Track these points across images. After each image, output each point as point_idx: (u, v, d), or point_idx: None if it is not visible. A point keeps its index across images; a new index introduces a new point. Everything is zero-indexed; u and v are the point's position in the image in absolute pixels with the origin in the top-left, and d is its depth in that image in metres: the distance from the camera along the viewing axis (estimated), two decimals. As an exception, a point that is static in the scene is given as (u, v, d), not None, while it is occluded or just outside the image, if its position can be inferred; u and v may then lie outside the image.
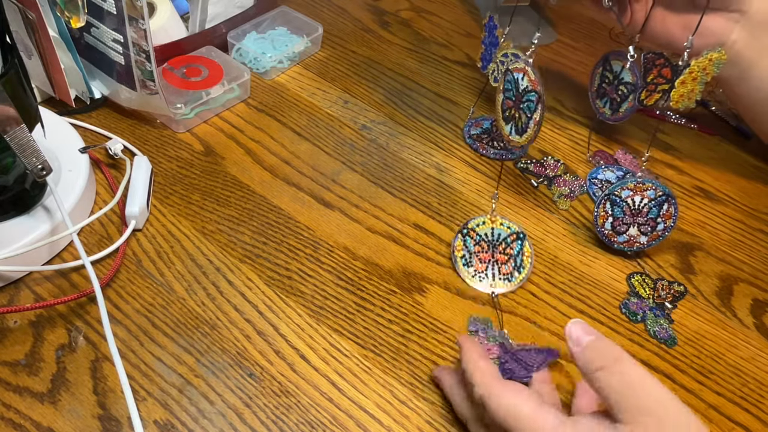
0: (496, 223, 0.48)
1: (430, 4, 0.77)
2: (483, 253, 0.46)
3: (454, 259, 0.47)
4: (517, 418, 0.31)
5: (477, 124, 0.59)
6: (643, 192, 0.47)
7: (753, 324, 0.46)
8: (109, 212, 0.47)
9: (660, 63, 0.51)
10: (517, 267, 0.46)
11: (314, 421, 0.37)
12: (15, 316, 0.40)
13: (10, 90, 0.37)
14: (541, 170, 0.55)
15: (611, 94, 0.56)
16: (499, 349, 0.40)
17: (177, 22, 0.62)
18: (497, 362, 0.39)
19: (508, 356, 0.39)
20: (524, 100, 0.45)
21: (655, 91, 0.52)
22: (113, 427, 0.36)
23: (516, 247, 0.47)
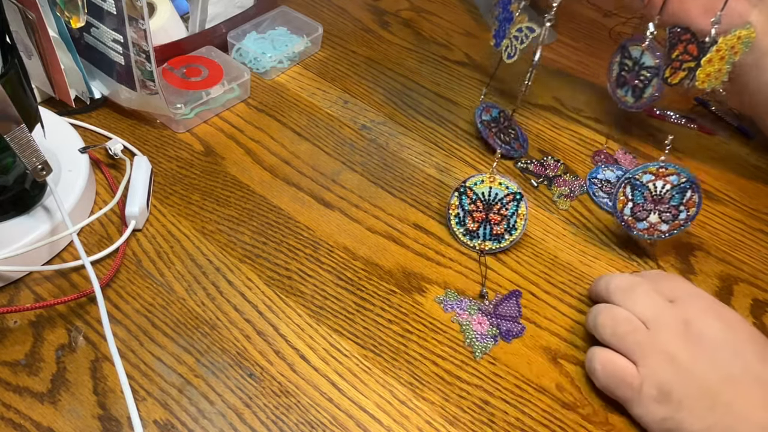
0: (495, 183, 0.46)
1: (430, 4, 0.77)
2: (477, 213, 0.46)
3: (448, 217, 0.46)
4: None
5: (487, 110, 0.58)
6: (665, 177, 0.46)
7: (753, 324, 0.46)
8: (109, 212, 0.47)
9: (686, 39, 0.49)
10: (509, 228, 0.45)
11: (314, 421, 0.37)
12: (15, 316, 0.40)
13: (10, 90, 0.37)
14: (541, 170, 0.55)
15: (632, 82, 0.53)
16: (483, 315, 0.41)
17: (177, 22, 0.62)
18: (495, 330, 0.42)
19: (495, 318, 0.41)
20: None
21: (680, 68, 0.50)
22: (113, 427, 0.36)
23: (511, 207, 0.46)
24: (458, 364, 0.41)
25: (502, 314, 0.43)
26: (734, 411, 0.34)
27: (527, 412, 0.39)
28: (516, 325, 0.43)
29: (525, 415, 0.39)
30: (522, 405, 0.39)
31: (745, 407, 0.35)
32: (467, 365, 0.41)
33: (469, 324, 0.43)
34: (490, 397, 0.40)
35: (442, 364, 0.41)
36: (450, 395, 0.39)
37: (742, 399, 0.35)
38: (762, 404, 0.34)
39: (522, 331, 0.43)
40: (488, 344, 0.42)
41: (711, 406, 0.35)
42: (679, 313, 0.38)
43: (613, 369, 0.38)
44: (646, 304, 0.39)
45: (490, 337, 0.42)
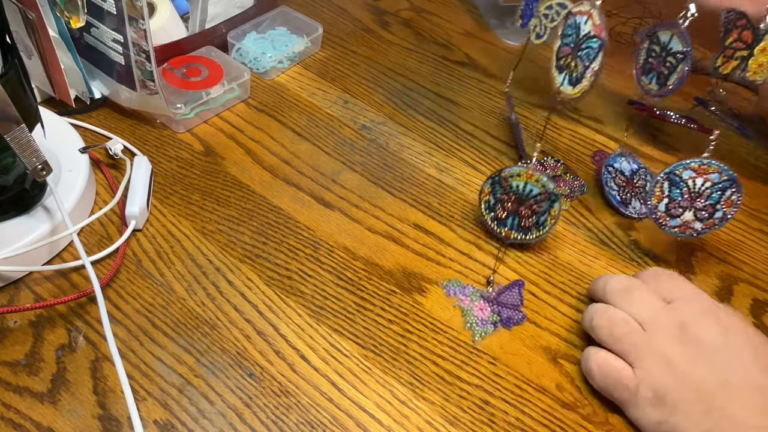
0: (531, 179, 0.45)
1: (430, 4, 0.77)
2: (508, 203, 0.45)
3: (479, 201, 0.47)
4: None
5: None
6: (706, 174, 0.44)
7: (753, 324, 0.46)
8: (109, 212, 0.47)
9: (742, 24, 0.45)
10: (537, 224, 0.45)
11: (314, 421, 0.37)
12: (15, 316, 0.40)
13: (10, 90, 0.37)
14: (540, 170, 0.55)
15: (658, 68, 0.51)
16: (485, 302, 0.43)
17: (177, 22, 0.62)
18: (496, 317, 0.43)
19: (497, 306, 0.43)
20: (584, 47, 0.41)
21: (732, 57, 0.47)
22: (113, 427, 0.36)
23: (544, 206, 0.45)
24: (458, 364, 0.41)
25: (503, 302, 0.44)
26: (730, 416, 0.34)
27: (527, 412, 0.39)
28: (517, 313, 0.44)
29: (525, 415, 0.39)
30: (522, 405, 0.39)
31: (741, 412, 0.34)
32: (467, 365, 0.41)
33: (470, 309, 0.44)
34: (490, 397, 0.40)
35: (443, 364, 0.41)
36: (450, 395, 0.39)
37: (739, 404, 0.34)
38: (759, 410, 0.34)
39: (522, 319, 0.44)
40: (488, 329, 0.43)
41: (706, 410, 0.35)
42: (676, 315, 0.38)
43: (609, 371, 0.38)
44: (642, 306, 0.39)
45: (490, 323, 0.43)
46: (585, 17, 0.41)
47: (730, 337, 0.37)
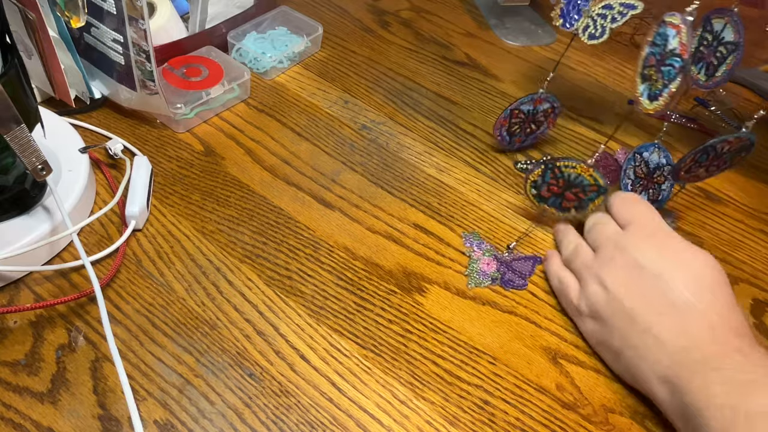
0: (586, 173, 0.46)
1: (430, 4, 0.77)
2: (555, 187, 0.47)
3: (525, 179, 0.48)
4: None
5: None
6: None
7: (753, 324, 0.46)
8: (109, 212, 0.47)
9: None
10: (579, 206, 0.47)
11: (314, 421, 0.37)
12: (15, 316, 0.40)
13: (10, 90, 0.37)
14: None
15: (708, 58, 0.48)
16: (495, 261, 0.45)
17: (177, 22, 0.62)
18: (497, 275, 0.46)
19: (504, 267, 0.46)
20: (667, 62, 0.40)
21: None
22: (113, 427, 0.36)
23: (591, 195, 0.46)
24: (458, 364, 0.41)
25: (514, 268, 0.46)
26: (653, 332, 0.37)
27: (527, 412, 0.39)
28: (520, 280, 0.46)
29: (525, 415, 0.39)
30: (522, 405, 0.39)
31: (663, 329, 0.37)
32: (467, 365, 0.41)
33: (478, 260, 0.46)
34: (490, 397, 0.40)
35: (443, 364, 0.41)
36: (450, 395, 0.39)
37: (660, 324, 0.37)
38: (679, 330, 0.37)
39: (523, 286, 0.46)
40: (484, 281, 0.45)
41: (631, 325, 0.38)
42: (622, 241, 0.42)
43: (563, 288, 0.44)
44: (599, 232, 0.44)
45: (489, 277, 0.45)
46: (674, 31, 0.40)
47: (663, 261, 0.39)
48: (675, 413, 0.36)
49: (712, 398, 0.33)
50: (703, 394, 0.33)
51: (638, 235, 0.41)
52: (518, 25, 0.75)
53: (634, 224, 0.42)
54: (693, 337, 0.36)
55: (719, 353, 0.35)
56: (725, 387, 0.33)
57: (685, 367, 0.35)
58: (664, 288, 0.38)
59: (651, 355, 0.37)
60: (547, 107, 0.55)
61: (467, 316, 0.44)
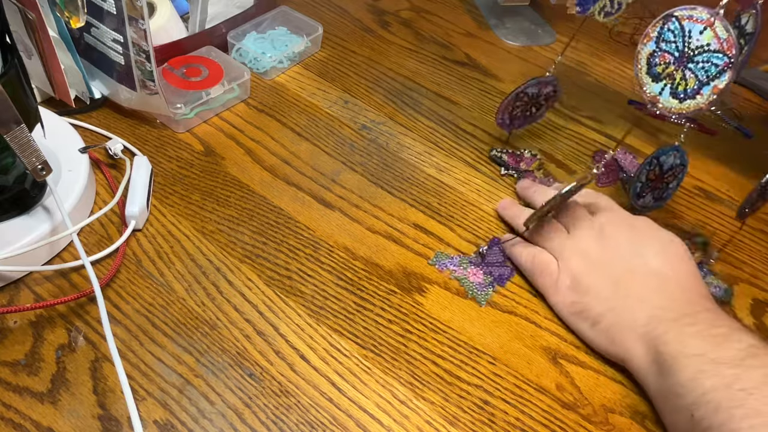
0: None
1: (430, 4, 0.77)
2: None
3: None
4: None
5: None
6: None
7: (753, 324, 0.46)
8: (109, 212, 0.47)
9: None
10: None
11: (314, 421, 0.37)
12: (15, 316, 0.40)
13: (10, 90, 0.37)
14: (514, 162, 0.55)
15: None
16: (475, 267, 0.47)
17: (177, 22, 0.62)
18: (488, 278, 0.46)
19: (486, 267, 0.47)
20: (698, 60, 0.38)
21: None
22: (113, 427, 0.36)
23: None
24: (458, 364, 0.41)
25: (491, 262, 0.47)
26: (632, 295, 0.41)
27: (527, 412, 0.39)
28: (505, 270, 0.47)
29: (525, 415, 0.39)
30: (522, 405, 0.39)
31: (642, 292, 0.41)
32: (467, 365, 0.41)
33: (466, 277, 0.46)
34: (490, 397, 0.40)
35: (442, 364, 0.41)
36: (450, 395, 0.39)
37: (639, 286, 0.41)
38: (655, 290, 0.41)
39: (512, 273, 0.47)
40: (489, 291, 0.45)
41: (613, 291, 0.41)
42: (596, 221, 0.45)
43: (539, 262, 0.45)
44: (569, 213, 0.47)
45: (488, 285, 0.45)
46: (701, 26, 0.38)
47: (637, 235, 0.44)
48: (649, 368, 0.38)
49: (684, 348, 0.37)
50: (677, 344, 0.37)
51: (612, 217, 0.46)
52: (518, 25, 0.75)
53: (604, 211, 0.46)
54: (668, 296, 0.40)
55: (691, 312, 0.39)
56: (697, 339, 0.37)
57: (662, 323, 0.39)
58: (640, 257, 0.42)
59: (630, 315, 0.40)
60: (549, 90, 0.55)
61: (467, 316, 0.44)
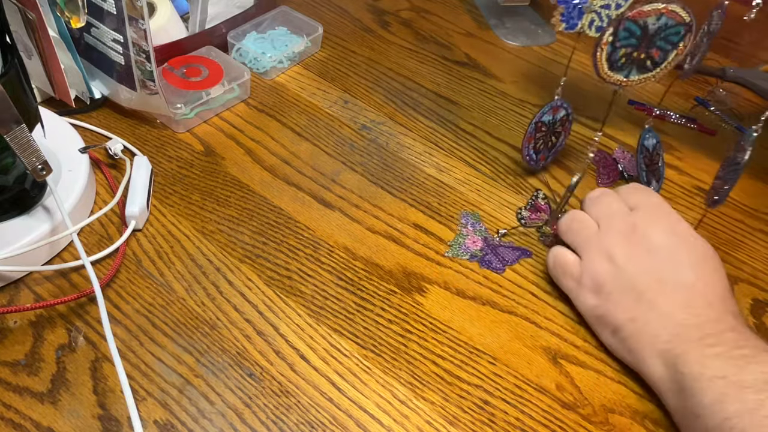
0: None
1: (430, 4, 0.77)
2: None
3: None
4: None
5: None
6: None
7: (753, 324, 0.46)
8: (109, 212, 0.47)
9: None
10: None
11: (314, 421, 0.37)
12: (15, 316, 0.40)
13: (10, 90, 0.37)
14: (534, 215, 0.51)
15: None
16: (483, 242, 0.46)
17: (177, 22, 0.62)
18: (479, 253, 0.46)
19: (489, 249, 0.47)
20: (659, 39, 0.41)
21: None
22: (113, 427, 0.36)
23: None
24: (458, 364, 0.41)
25: (498, 252, 0.47)
26: (656, 308, 0.38)
27: (527, 412, 0.39)
28: (499, 264, 0.47)
29: (525, 415, 0.39)
30: (522, 405, 0.39)
31: (667, 306, 0.38)
32: (467, 365, 0.41)
33: (466, 236, 0.47)
34: (490, 397, 0.40)
35: (442, 364, 0.41)
36: (450, 395, 0.39)
37: (666, 298, 0.39)
38: (682, 305, 0.38)
39: (500, 270, 0.46)
40: (462, 255, 0.46)
41: (636, 301, 0.39)
42: (632, 219, 0.42)
43: (562, 261, 0.43)
44: (604, 208, 0.43)
45: (469, 253, 0.46)
46: (656, 15, 0.41)
47: (673, 241, 0.41)
48: (667, 386, 0.37)
49: (706, 369, 0.35)
50: (699, 366, 0.35)
51: (649, 215, 0.42)
52: (518, 25, 0.75)
53: (644, 206, 0.42)
54: (694, 313, 0.38)
55: (716, 332, 0.37)
56: (719, 361, 0.35)
57: (684, 341, 0.37)
58: (672, 266, 0.40)
59: (651, 329, 0.38)
60: (563, 115, 0.54)
61: (467, 316, 0.44)
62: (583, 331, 0.44)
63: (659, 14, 0.41)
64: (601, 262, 0.41)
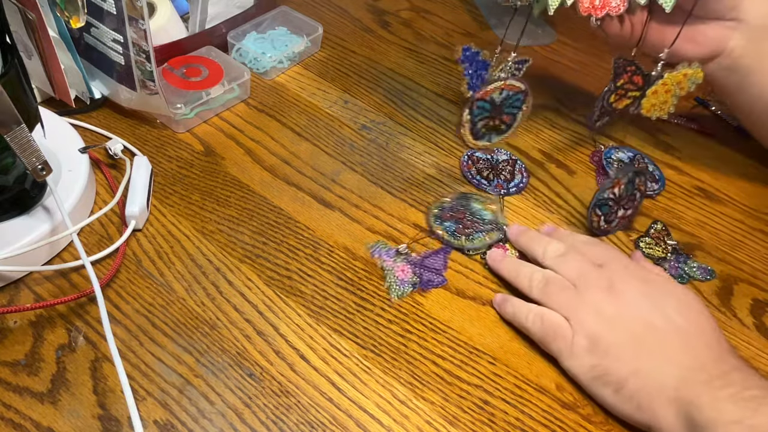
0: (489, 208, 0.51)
1: (430, 4, 0.77)
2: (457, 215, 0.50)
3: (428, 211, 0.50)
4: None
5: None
6: (619, 185, 0.48)
7: (753, 324, 0.46)
8: (109, 212, 0.47)
9: (631, 70, 0.51)
10: (469, 237, 0.48)
11: (314, 421, 0.37)
12: (15, 316, 0.40)
13: (10, 90, 0.37)
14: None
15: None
16: (409, 265, 0.45)
17: (177, 22, 0.62)
18: (416, 279, 0.45)
19: (420, 269, 0.45)
20: (507, 105, 0.47)
21: (625, 96, 0.52)
22: (113, 427, 0.36)
23: (486, 227, 0.49)
24: (458, 364, 0.41)
25: (427, 266, 0.46)
26: (657, 354, 0.38)
27: (527, 412, 0.39)
28: (437, 277, 0.45)
29: (525, 415, 0.39)
30: (522, 405, 0.39)
31: (667, 350, 0.38)
32: (467, 365, 0.41)
33: (392, 270, 0.45)
34: (490, 397, 0.40)
35: (442, 364, 0.41)
36: (450, 395, 0.39)
37: (663, 344, 0.38)
38: (681, 348, 0.38)
39: (442, 282, 0.45)
40: (406, 289, 0.44)
41: (636, 350, 0.38)
42: (604, 274, 0.42)
43: (551, 324, 0.41)
44: (574, 267, 0.43)
45: (409, 284, 0.45)
46: (500, 88, 0.48)
47: (651, 289, 0.41)
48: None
49: (721, 414, 0.34)
50: (712, 411, 0.35)
51: (620, 270, 0.42)
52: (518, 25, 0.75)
53: (610, 262, 0.43)
54: (695, 354, 0.38)
55: (721, 373, 0.36)
56: (731, 404, 0.34)
57: (692, 386, 0.36)
58: (660, 314, 0.40)
59: (657, 378, 0.37)
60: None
61: (467, 316, 0.44)
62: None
63: (501, 89, 0.47)
64: (593, 319, 0.40)
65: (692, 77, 0.47)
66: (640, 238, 0.50)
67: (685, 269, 0.49)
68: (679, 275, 0.48)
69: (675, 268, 0.49)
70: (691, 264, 0.49)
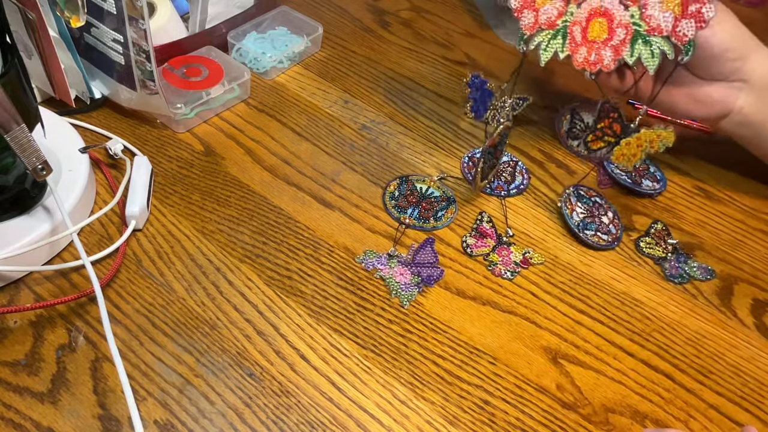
0: (434, 185, 0.53)
1: (430, 4, 0.77)
2: (412, 198, 0.51)
3: (384, 191, 0.52)
4: None
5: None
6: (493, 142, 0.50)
7: (753, 324, 0.46)
8: (109, 212, 0.47)
9: (613, 116, 0.51)
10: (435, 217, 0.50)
11: (314, 421, 0.37)
12: (15, 316, 0.40)
13: (10, 90, 0.37)
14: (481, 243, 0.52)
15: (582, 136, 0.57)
16: (404, 267, 0.46)
17: (177, 22, 0.62)
18: (417, 279, 0.45)
19: (416, 267, 0.46)
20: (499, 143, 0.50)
21: (601, 139, 0.52)
22: (113, 427, 0.36)
23: (442, 205, 0.51)
24: (458, 364, 0.41)
25: (420, 262, 0.46)
26: None
27: (527, 412, 0.39)
28: (435, 270, 0.46)
29: (525, 415, 0.39)
30: (522, 405, 0.39)
31: None
32: (467, 365, 0.41)
33: (392, 277, 0.45)
34: (490, 397, 0.40)
35: (443, 364, 0.41)
36: (450, 395, 0.39)
37: None
38: None
39: (441, 274, 0.46)
40: (413, 292, 0.44)
41: None
42: None
43: None
44: None
45: (413, 286, 0.45)
46: (500, 136, 0.50)
47: None
48: None
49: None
50: None
51: None
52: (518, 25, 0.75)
53: None
54: None
55: None
56: None
57: None
58: None
59: None
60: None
61: (467, 316, 0.44)
62: (583, 331, 0.44)
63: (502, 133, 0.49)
64: None
65: (664, 139, 0.47)
66: (640, 238, 0.51)
67: (686, 269, 0.49)
68: (679, 275, 0.48)
69: (675, 267, 0.49)
70: (691, 264, 0.49)
